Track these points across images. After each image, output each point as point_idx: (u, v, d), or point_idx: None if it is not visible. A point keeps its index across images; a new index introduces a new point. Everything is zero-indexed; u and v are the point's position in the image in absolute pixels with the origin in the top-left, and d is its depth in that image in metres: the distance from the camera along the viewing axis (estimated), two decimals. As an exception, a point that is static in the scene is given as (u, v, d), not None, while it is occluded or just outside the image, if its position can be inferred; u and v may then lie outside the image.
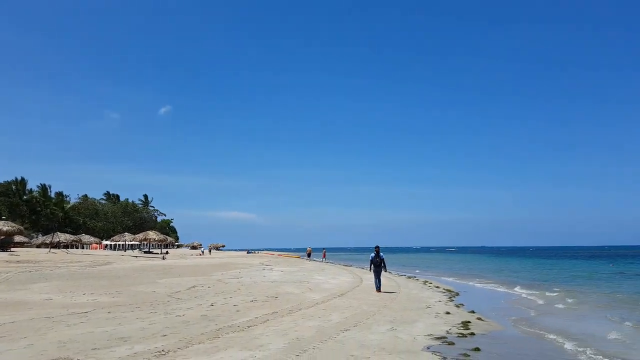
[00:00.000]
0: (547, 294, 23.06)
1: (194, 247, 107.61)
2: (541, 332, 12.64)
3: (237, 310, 13.37)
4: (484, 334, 11.88)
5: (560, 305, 18.58)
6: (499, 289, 26.15)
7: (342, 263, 59.08)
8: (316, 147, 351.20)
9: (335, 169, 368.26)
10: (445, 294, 21.75)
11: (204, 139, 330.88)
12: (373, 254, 20.04)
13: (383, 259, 19.77)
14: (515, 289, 26.07)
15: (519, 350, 10.27)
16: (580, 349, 10.43)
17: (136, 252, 66.70)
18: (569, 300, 20.17)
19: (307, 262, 51.99)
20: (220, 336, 9.87)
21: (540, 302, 19.95)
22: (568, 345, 10.85)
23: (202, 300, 15.49)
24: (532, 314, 16.31)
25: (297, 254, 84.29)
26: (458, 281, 31.89)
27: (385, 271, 21.08)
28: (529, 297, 21.69)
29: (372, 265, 19.98)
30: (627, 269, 46.57)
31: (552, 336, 12.04)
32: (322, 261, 58.58)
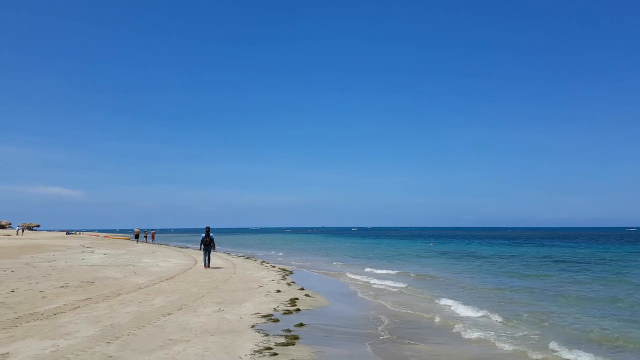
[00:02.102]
0: (368, 269, 25.31)
1: (1, 227, 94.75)
2: (365, 305, 13.87)
3: (43, 297, 12.13)
4: (309, 310, 12.61)
5: (380, 281, 20.49)
6: (334, 268, 27.92)
7: (178, 245, 57.40)
8: (162, 124, 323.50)
9: (179, 145, 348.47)
10: (280, 272, 22.53)
11: (23, 96, 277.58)
12: (204, 234, 22.50)
13: (212, 239, 22.43)
14: (345, 267, 28.12)
15: (342, 322, 11.13)
16: (397, 320, 11.70)
17: None
18: (393, 275, 22.41)
19: (137, 244, 49.33)
20: (19, 325, 8.88)
21: (365, 279, 21.80)
22: (385, 320, 12.06)
23: (1, 285, 13.71)
24: (356, 289, 17.76)
25: (128, 235, 79.33)
26: (297, 261, 33.25)
27: (214, 250, 23.71)
28: (354, 275, 23.55)
29: (202, 245, 22.39)
30: (442, 248, 53.31)
31: (372, 312, 13.26)
32: (152, 243, 56.33)
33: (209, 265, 22.53)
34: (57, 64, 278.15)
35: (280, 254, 42.12)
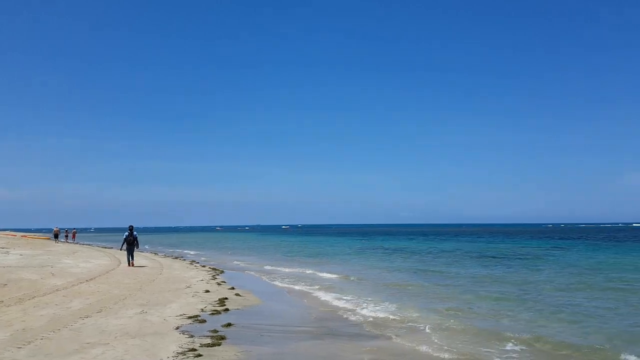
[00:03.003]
0: (298, 268, 25.51)
1: None
2: (296, 304, 13.99)
3: (-55, 303, 11.30)
4: (239, 309, 12.56)
5: (311, 280, 20.73)
6: (265, 267, 27.78)
7: (102, 245, 55.04)
8: (81, 117, 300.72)
9: (102, 141, 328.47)
10: (209, 272, 22.22)
11: None
12: (127, 233, 22.67)
13: (136, 237, 22.68)
14: (279, 266, 28.10)
15: (273, 321, 11.17)
16: (325, 318, 11.90)
17: None
18: (326, 273, 22.65)
19: (57, 244, 46.83)
20: None
21: (296, 276, 21.96)
22: (316, 313, 12.24)
23: None
24: (287, 287, 17.86)
25: (47, 235, 75.02)
26: (235, 261, 32.86)
27: (137, 249, 23.68)
28: (287, 271, 23.65)
29: (126, 243, 22.58)
30: (380, 244, 54.37)
31: (303, 310, 13.41)
32: (73, 242, 53.74)
33: (132, 264, 22.76)
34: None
35: (207, 252, 41.44)
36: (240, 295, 15.00)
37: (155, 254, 38.11)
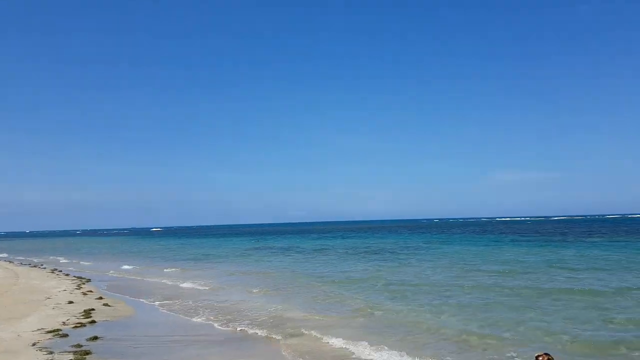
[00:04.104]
0: (167, 269, 24.50)
1: None
2: (173, 311, 13.35)
3: None
4: (108, 321, 11.70)
5: (191, 284, 19.94)
6: (141, 271, 26.18)
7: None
8: None
9: None
10: (74, 281, 20.50)
11: None
12: None
13: None
14: (163, 271, 26.65)
15: (146, 332, 10.54)
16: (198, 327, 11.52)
17: None
18: (198, 278, 21.85)
19: None
20: None
21: (170, 282, 21.02)
22: (191, 322, 11.79)
23: None
24: (162, 294, 17.00)
25: None
26: (101, 265, 30.56)
27: None
28: (159, 279, 22.53)
29: None
30: (266, 244, 53.46)
31: (179, 317, 12.87)
32: None
33: None
34: None
35: (71, 259, 38.22)
36: (109, 306, 13.99)
37: (10, 262, 34.39)
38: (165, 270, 26.22)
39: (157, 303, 15.02)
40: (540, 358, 5.28)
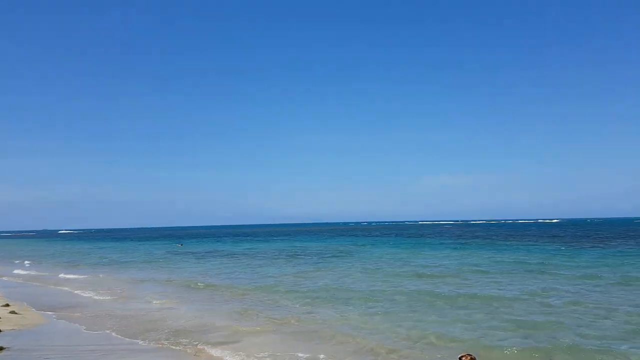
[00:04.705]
0: (84, 273, 23.57)
1: None
2: (90, 318, 12.98)
3: None
4: (15, 330, 11.30)
5: (93, 293, 19.15)
6: (59, 277, 24.76)
7: None
8: None
9: None
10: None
11: None
12: None
13: None
14: (74, 275, 25.34)
15: (59, 342, 10.30)
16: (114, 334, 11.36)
17: None
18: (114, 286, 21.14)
19: None
20: None
21: (86, 288, 20.15)
22: (108, 329, 11.62)
23: None
24: (79, 300, 16.41)
25: None
26: (15, 270, 28.72)
27: None
28: (76, 286, 21.58)
29: None
30: (192, 248, 51.66)
31: (94, 326, 12.57)
32: None
33: None
34: None
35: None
36: (17, 313, 13.42)
37: None
38: (67, 276, 24.98)
39: (66, 312, 14.40)
40: (464, 359, 5.53)
